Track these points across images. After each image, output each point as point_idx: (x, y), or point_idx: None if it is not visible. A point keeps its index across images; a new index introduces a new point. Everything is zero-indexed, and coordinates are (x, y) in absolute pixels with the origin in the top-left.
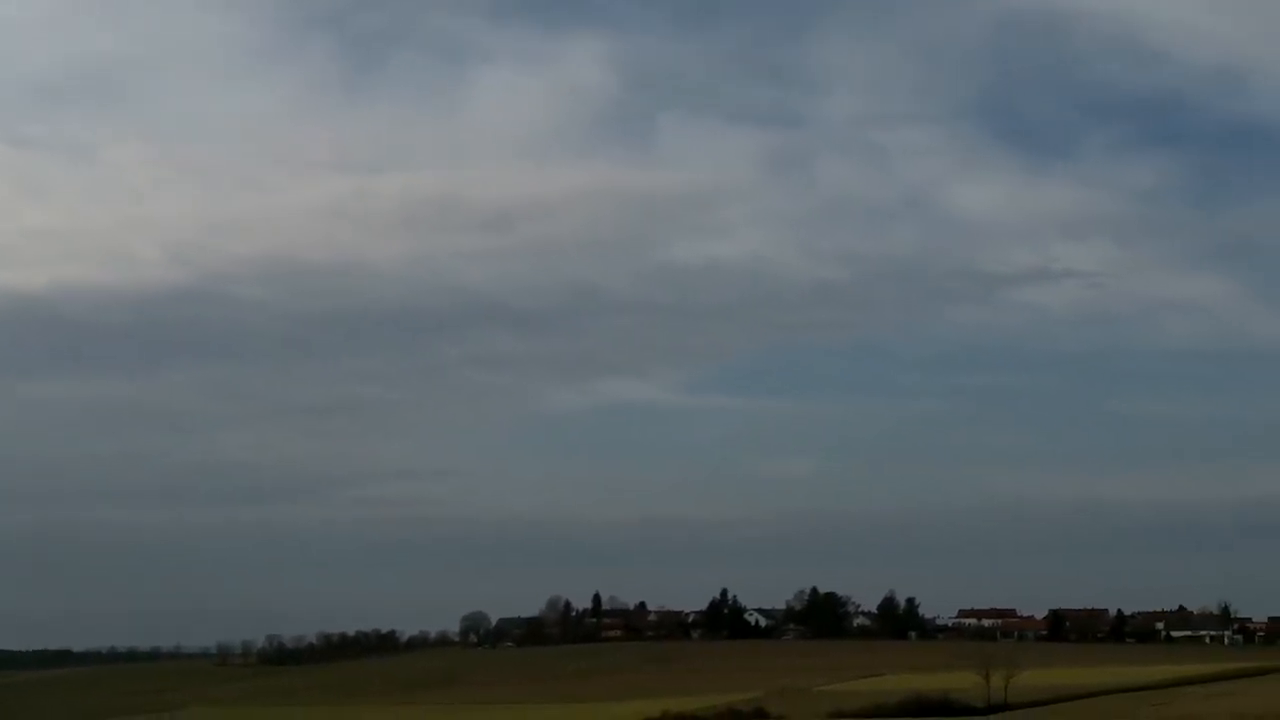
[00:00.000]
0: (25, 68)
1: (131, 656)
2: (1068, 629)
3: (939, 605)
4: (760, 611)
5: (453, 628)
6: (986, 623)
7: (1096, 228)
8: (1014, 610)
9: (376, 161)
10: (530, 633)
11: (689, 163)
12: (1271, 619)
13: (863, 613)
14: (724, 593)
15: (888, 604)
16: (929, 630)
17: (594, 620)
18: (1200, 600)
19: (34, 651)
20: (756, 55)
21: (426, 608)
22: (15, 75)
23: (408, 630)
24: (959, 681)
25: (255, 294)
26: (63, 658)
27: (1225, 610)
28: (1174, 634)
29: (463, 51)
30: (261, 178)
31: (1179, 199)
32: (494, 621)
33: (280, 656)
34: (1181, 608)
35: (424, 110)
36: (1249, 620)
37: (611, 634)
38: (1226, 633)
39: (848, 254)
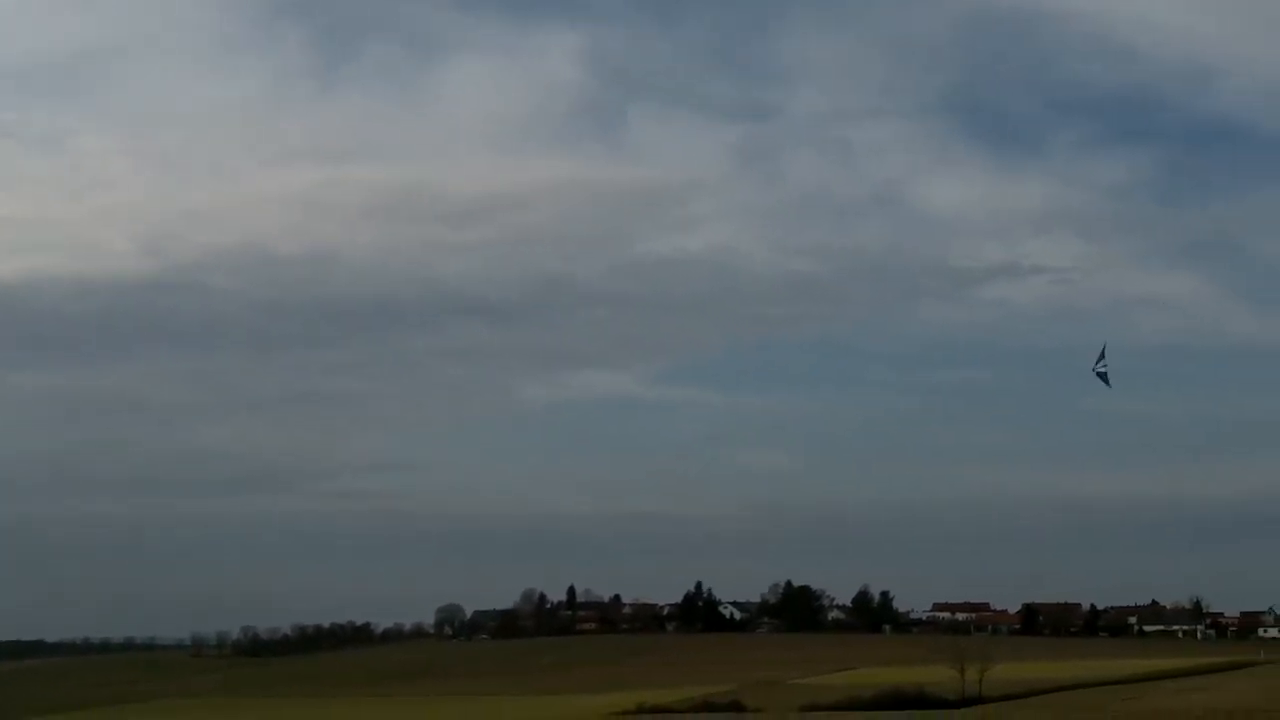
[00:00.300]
0: None
1: (105, 647)
2: (1041, 623)
3: (913, 599)
4: (735, 605)
5: (428, 620)
6: (960, 616)
7: (1066, 224)
8: (988, 604)
9: (348, 151)
10: (505, 625)
11: (660, 156)
12: (1244, 614)
13: (837, 606)
14: (698, 586)
15: (862, 597)
16: (903, 624)
17: (569, 613)
18: (1173, 595)
19: (6, 642)
20: (726, 49)
21: (401, 600)
22: None
23: (383, 622)
24: (933, 675)
25: (227, 284)
26: (35, 648)
27: (1198, 605)
28: (1146, 628)
29: (435, 42)
30: (233, 167)
31: (1149, 195)
32: (469, 614)
33: (255, 648)
34: (1154, 602)
35: (396, 101)
36: (1221, 615)
37: (586, 627)
38: (1199, 627)
39: (818, 248)
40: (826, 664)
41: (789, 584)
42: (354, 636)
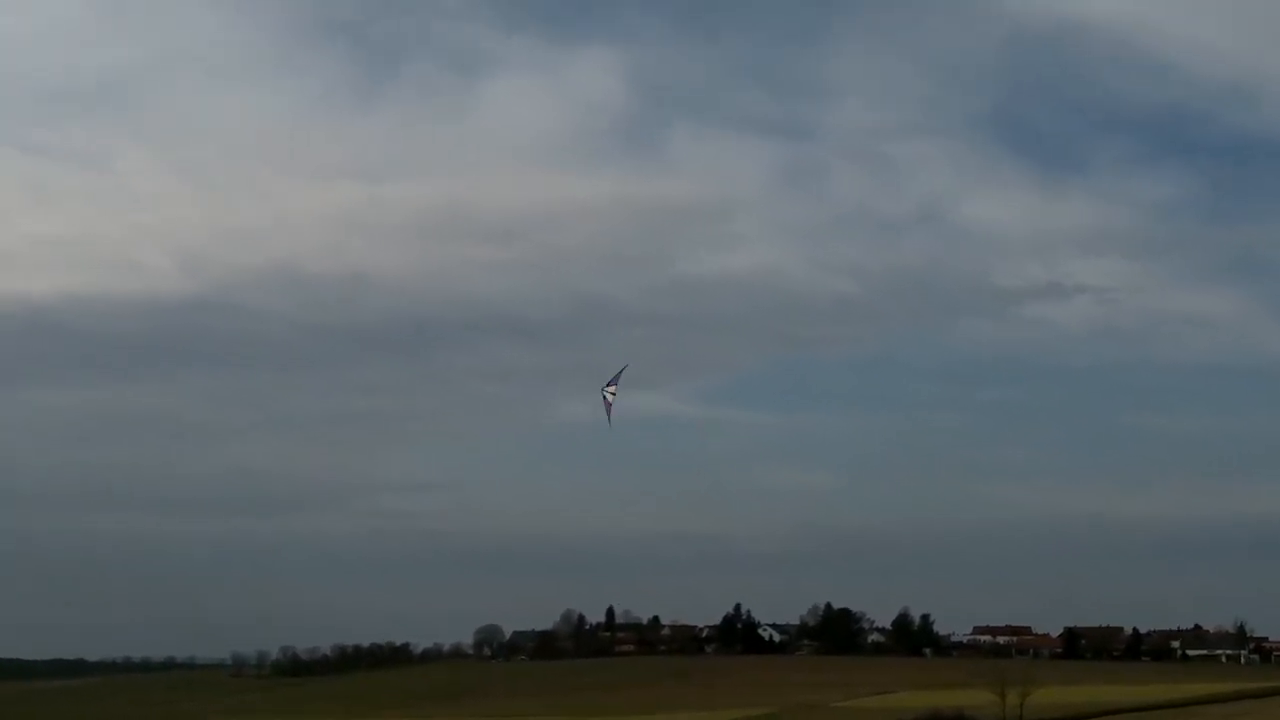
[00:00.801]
0: (36, 75)
1: (146, 667)
2: (1083, 647)
3: (953, 622)
4: (774, 627)
5: (466, 640)
6: (1001, 640)
7: (1109, 243)
8: (1029, 627)
9: (388, 170)
10: (543, 646)
11: (700, 174)
12: None
13: (877, 629)
14: (738, 607)
15: (902, 620)
16: (944, 647)
17: (607, 634)
18: (1216, 619)
19: (48, 661)
20: (767, 65)
21: (440, 620)
22: (26, 82)
23: (421, 643)
24: (974, 699)
25: (265, 303)
26: (77, 667)
27: (1241, 629)
28: (1189, 653)
29: (476, 60)
30: (271, 186)
31: (1192, 213)
32: (507, 634)
33: (294, 668)
34: (1197, 626)
35: (436, 119)
36: (1265, 639)
37: (625, 648)
38: (1242, 652)
39: (859, 267)
40: (866, 687)
41: (829, 606)
42: (392, 657)
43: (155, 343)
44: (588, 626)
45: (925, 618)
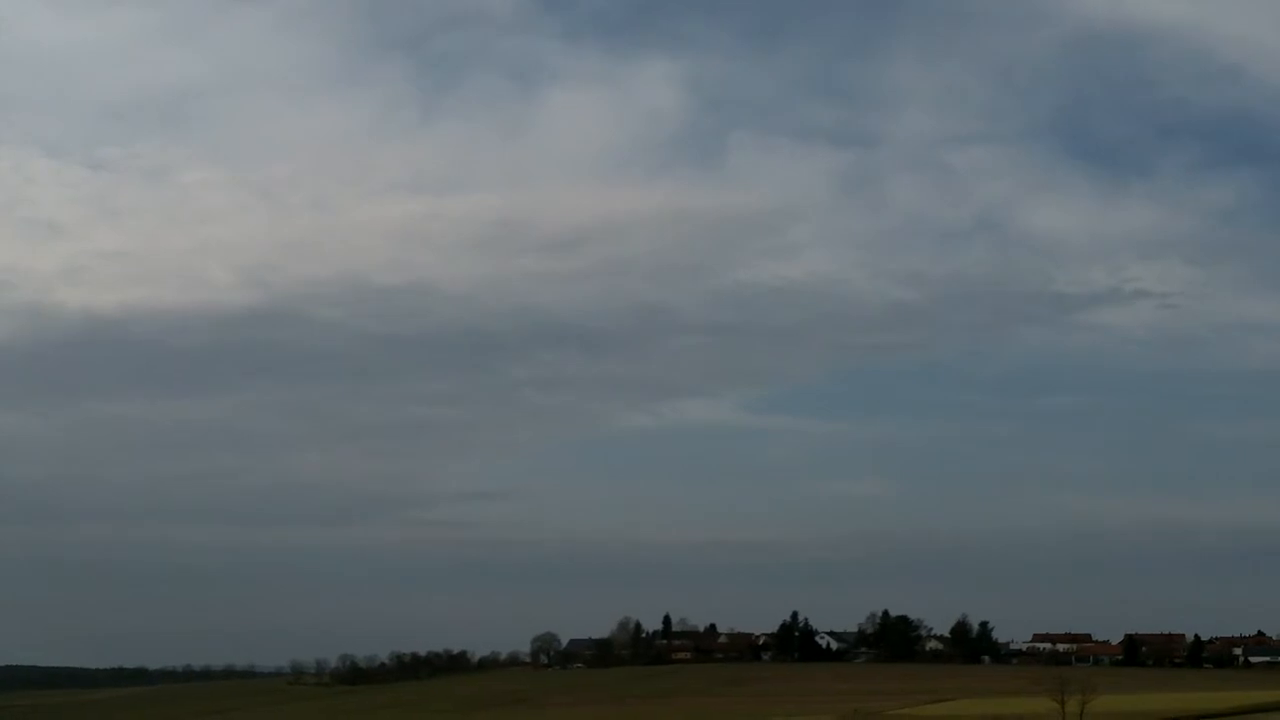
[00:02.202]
0: (101, 92)
1: (206, 675)
2: (1144, 654)
3: (1012, 629)
4: (831, 634)
5: (523, 648)
6: (1061, 647)
7: (1171, 248)
8: (1089, 635)
9: (448, 183)
10: (600, 654)
11: (759, 183)
12: None
13: (935, 636)
14: (795, 615)
15: (960, 627)
16: (1002, 654)
17: (664, 642)
18: (1279, 625)
19: (110, 669)
20: (827, 75)
21: (497, 628)
22: (91, 99)
23: (479, 651)
24: (1033, 706)
25: (327, 315)
26: (138, 676)
27: None
28: (1252, 659)
29: (535, 73)
30: (334, 200)
31: (1255, 218)
32: (564, 642)
33: (353, 676)
34: (1260, 633)
35: (497, 131)
36: None
37: (681, 656)
38: None
39: (919, 275)
40: (924, 695)
41: (886, 614)
42: (450, 665)
43: (219, 355)
44: (644, 634)
45: (984, 625)
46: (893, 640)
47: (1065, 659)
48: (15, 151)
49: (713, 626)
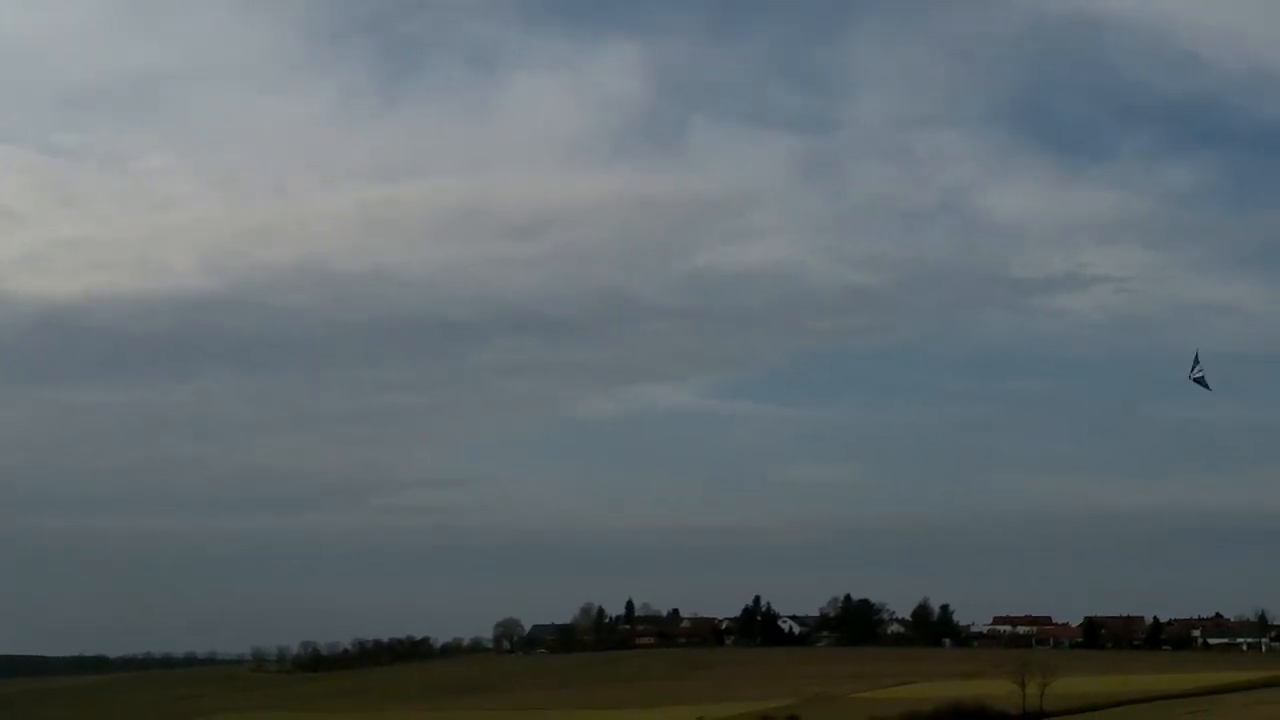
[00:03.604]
0: (58, 77)
1: (167, 663)
2: (1103, 636)
3: (973, 612)
4: (794, 619)
5: (486, 634)
6: (1021, 630)
7: (1129, 232)
8: (1049, 617)
9: (409, 168)
10: (563, 640)
11: (720, 168)
12: None
13: (897, 620)
14: (757, 600)
15: (922, 611)
16: (964, 637)
17: (627, 627)
18: (1237, 607)
19: (70, 658)
20: (788, 59)
21: (460, 615)
22: (48, 84)
23: (441, 637)
24: (994, 689)
25: (287, 302)
26: (99, 664)
27: (1262, 617)
28: (1210, 641)
29: (497, 58)
30: (293, 185)
31: (1213, 202)
32: (527, 628)
33: (315, 663)
34: (1218, 615)
35: (455, 117)
36: None
37: (644, 641)
38: (1264, 640)
39: (880, 259)
40: (886, 678)
41: (848, 597)
42: (413, 651)
43: (178, 342)
44: (607, 620)
45: (945, 608)
46: (855, 624)
47: (1026, 641)
48: None
49: (675, 612)
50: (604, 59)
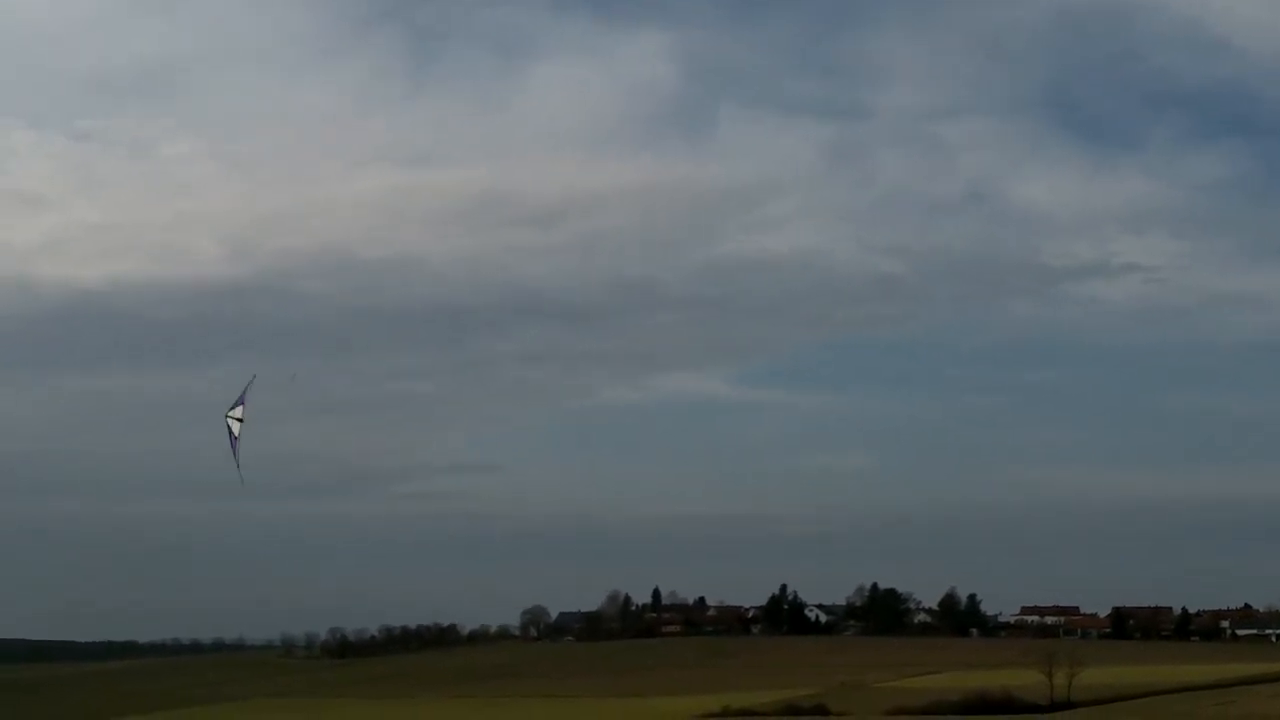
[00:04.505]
0: (83, 63)
1: (195, 649)
2: (1131, 627)
3: (1001, 602)
4: (820, 607)
5: (513, 622)
6: (1049, 620)
7: (1158, 221)
8: (1077, 608)
9: (433, 155)
10: (590, 627)
11: (745, 155)
12: None
13: (923, 609)
14: (783, 588)
15: (949, 600)
16: (991, 627)
17: (653, 615)
18: (1266, 598)
19: (99, 643)
20: (815, 47)
21: (487, 602)
22: (73, 70)
23: (468, 624)
24: (1022, 679)
25: (310, 288)
26: (127, 649)
27: None
28: (1239, 632)
29: (520, 45)
30: (316, 172)
31: (1243, 192)
32: (554, 616)
33: (343, 649)
34: (1247, 605)
35: (482, 104)
36: None
37: (671, 629)
38: None
39: (905, 248)
40: (913, 667)
41: (875, 587)
42: (440, 638)
43: (201, 328)
44: (634, 608)
45: (972, 598)
46: (881, 613)
47: (1053, 631)
48: None
49: (702, 600)
50: (630, 46)
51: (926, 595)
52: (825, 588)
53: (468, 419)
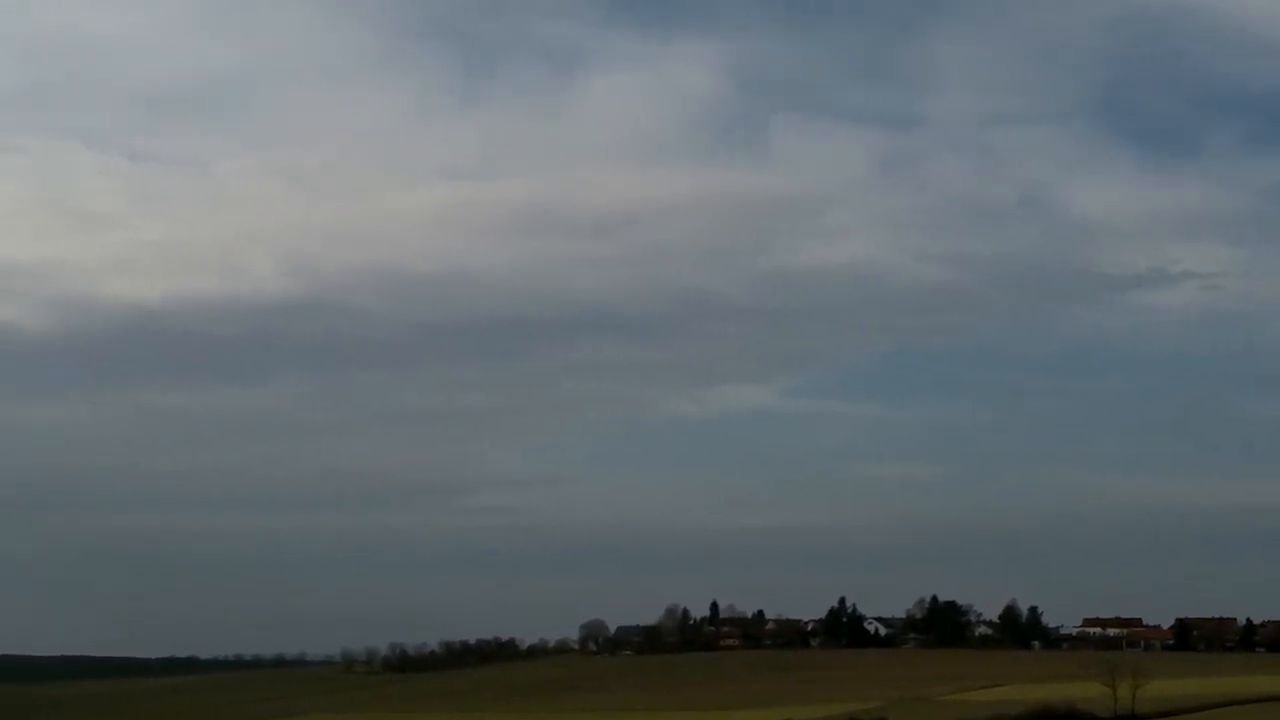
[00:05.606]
0: (140, 82)
1: (257, 664)
2: (1195, 638)
3: (1062, 614)
4: (880, 620)
5: (572, 635)
6: (1111, 632)
7: (1215, 228)
8: (1139, 619)
9: (487, 169)
10: (648, 641)
11: (799, 165)
12: None
13: (984, 621)
14: (843, 601)
15: (1010, 612)
16: (1052, 640)
17: (712, 629)
18: None
19: (161, 659)
20: (868, 55)
21: (546, 616)
22: (130, 90)
23: (527, 638)
24: (1085, 691)
25: (366, 303)
26: (190, 665)
27: None
28: None
29: (574, 57)
30: (371, 187)
31: None
32: (612, 629)
33: (403, 664)
34: None
35: (533, 117)
36: None
37: (729, 643)
38: None
39: (961, 256)
40: (974, 680)
41: (935, 599)
42: (499, 652)
43: (258, 344)
44: (692, 621)
45: (1033, 610)
46: (941, 626)
47: (1116, 643)
48: (56, 143)
49: (760, 613)
50: (683, 57)
51: (987, 607)
52: (885, 600)
53: (525, 432)
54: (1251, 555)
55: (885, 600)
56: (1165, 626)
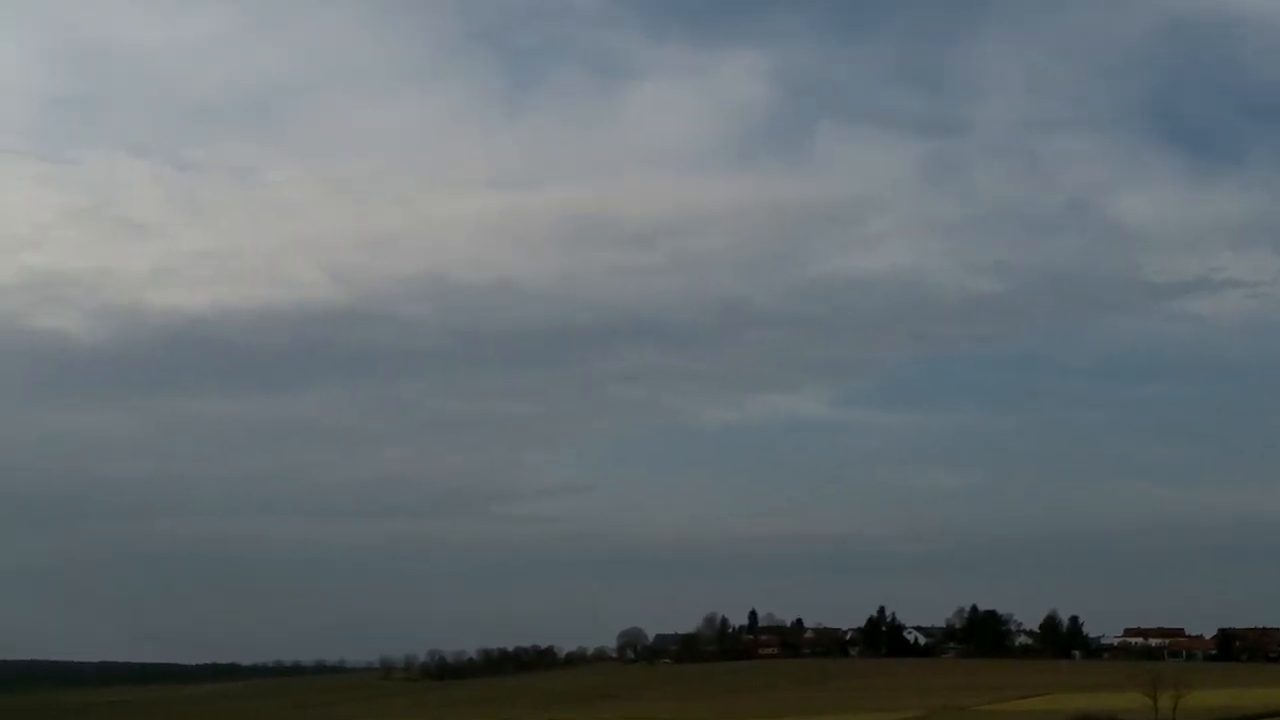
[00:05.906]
0: (187, 91)
1: (297, 670)
2: (1238, 648)
3: (1104, 624)
4: (919, 629)
5: (610, 644)
6: (1153, 642)
7: (1262, 236)
8: (1182, 629)
9: (530, 178)
10: (686, 649)
11: (843, 172)
12: None
13: (1024, 631)
14: (882, 610)
15: (1050, 622)
16: (1093, 649)
17: (750, 637)
18: None
19: (203, 665)
20: (913, 62)
21: (584, 624)
22: (177, 99)
23: (565, 646)
24: (1126, 702)
25: (411, 312)
26: (230, 672)
27: None
28: None
29: (617, 66)
30: (417, 196)
31: None
32: (650, 637)
33: (441, 671)
34: None
35: (580, 125)
36: None
37: (768, 651)
38: None
39: (1004, 264)
40: (1015, 690)
41: (974, 608)
42: (537, 660)
43: (304, 352)
44: (731, 629)
45: (1074, 619)
46: (982, 635)
47: (1158, 654)
48: (104, 153)
49: (799, 621)
50: (727, 65)
51: (1027, 617)
52: (924, 609)
53: (565, 440)
54: None
55: (925, 609)
56: (1208, 637)
